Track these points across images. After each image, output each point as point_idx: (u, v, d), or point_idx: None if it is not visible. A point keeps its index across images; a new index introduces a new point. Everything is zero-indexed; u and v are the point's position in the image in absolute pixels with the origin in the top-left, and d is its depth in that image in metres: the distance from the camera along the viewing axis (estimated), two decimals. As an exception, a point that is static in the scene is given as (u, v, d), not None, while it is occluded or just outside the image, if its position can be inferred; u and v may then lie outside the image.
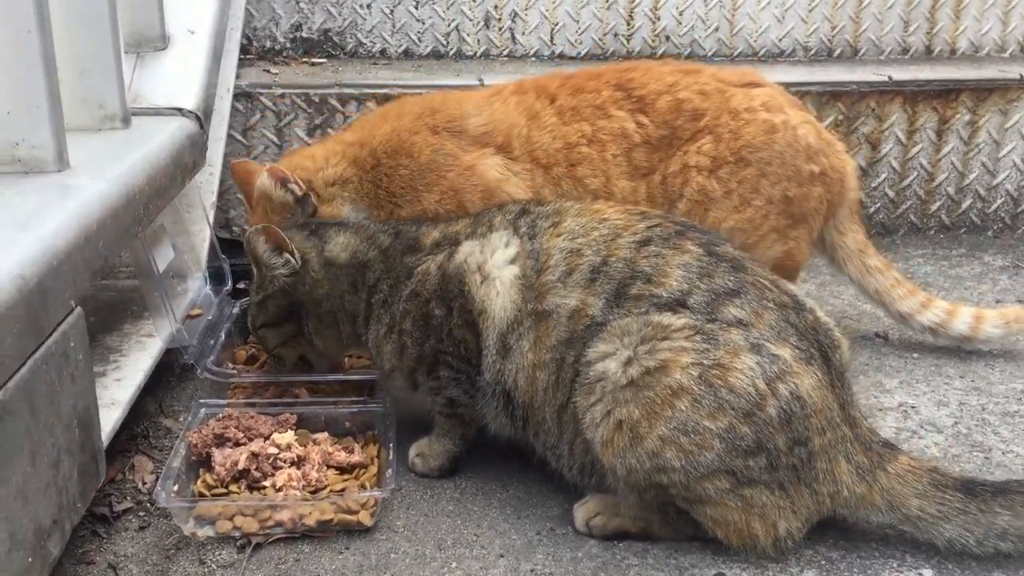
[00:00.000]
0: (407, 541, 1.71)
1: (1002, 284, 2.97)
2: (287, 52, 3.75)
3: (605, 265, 1.70)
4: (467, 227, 1.90)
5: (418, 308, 1.84)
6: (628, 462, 1.60)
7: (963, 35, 3.94)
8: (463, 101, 2.27)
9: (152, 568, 1.61)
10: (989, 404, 2.21)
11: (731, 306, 1.63)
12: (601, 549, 1.69)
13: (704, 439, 1.56)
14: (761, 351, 1.58)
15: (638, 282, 1.67)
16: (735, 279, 1.66)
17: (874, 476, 1.63)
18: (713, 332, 1.59)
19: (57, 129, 1.62)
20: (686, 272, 1.66)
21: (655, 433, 1.57)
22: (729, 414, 1.56)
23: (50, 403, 1.26)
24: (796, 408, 1.57)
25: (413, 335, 1.85)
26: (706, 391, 1.56)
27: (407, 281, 1.87)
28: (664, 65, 2.33)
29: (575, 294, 1.70)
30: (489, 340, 1.77)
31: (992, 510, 1.58)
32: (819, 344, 1.65)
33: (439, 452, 1.92)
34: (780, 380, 1.57)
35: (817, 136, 2.28)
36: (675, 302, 1.63)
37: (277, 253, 1.91)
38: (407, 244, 1.93)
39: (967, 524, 1.59)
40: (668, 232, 1.74)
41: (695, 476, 1.57)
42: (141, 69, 2.31)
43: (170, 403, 2.16)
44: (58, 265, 1.31)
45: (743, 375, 1.56)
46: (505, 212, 1.89)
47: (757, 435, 1.56)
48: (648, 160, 2.22)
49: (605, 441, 1.61)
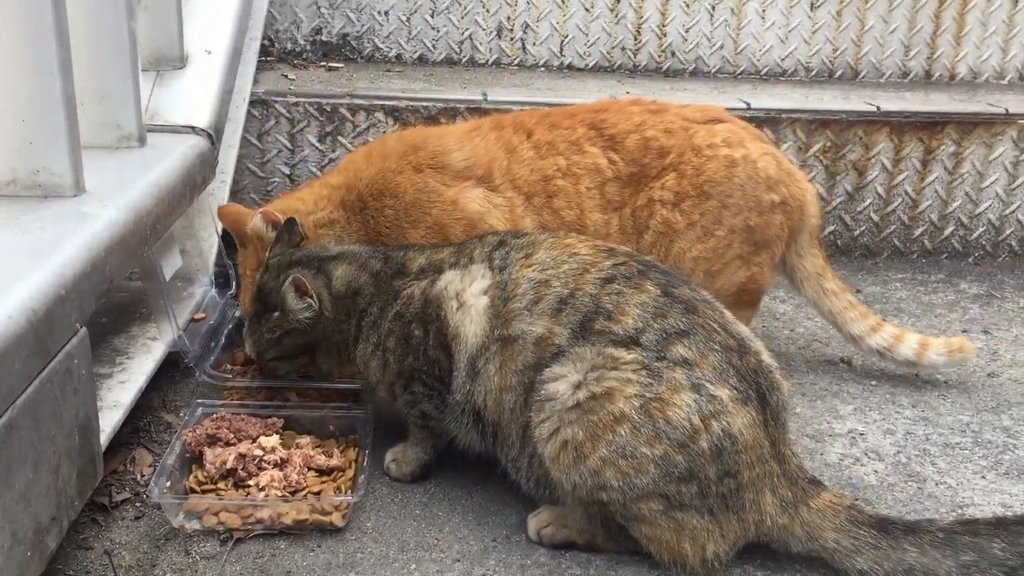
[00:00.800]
0: (374, 542, 1.89)
1: (972, 314, 3.10)
2: (307, 55, 3.93)
3: (572, 297, 1.85)
4: (451, 256, 2.05)
5: (401, 328, 2.01)
6: (572, 478, 1.77)
7: (963, 61, 4.05)
8: (444, 136, 2.42)
9: (143, 556, 1.81)
10: (933, 435, 2.35)
11: (680, 346, 1.78)
12: (549, 558, 1.87)
13: (640, 464, 1.72)
14: (700, 390, 1.74)
15: (600, 318, 1.82)
16: (687, 320, 1.81)
17: (796, 509, 1.79)
18: (659, 369, 1.75)
19: (75, 160, 1.81)
20: (642, 311, 1.81)
21: (597, 454, 1.73)
22: (665, 443, 1.72)
23: (53, 415, 1.45)
24: (727, 444, 1.73)
25: (395, 352, 2.02)
26: (645, 421, 1.72)
27: (394, 303, 2.04)
28: (633, 105, 2.48)
29: (541, 322, 1.85)
30: (460, 362, 1.94)
31: (901, 547, 1.73)
32: (758, 386, 1.80)
33: (411, 459, 2.10)
34: (714, 418, 1.73)
35: (777, 167, 2.43)
36: (629, 339, 1.79)
37: (299, 298, 2.05)
38: (396, 269, 2.09)
39: (877, 558, 1.74)
40: (631, 271, 1.88)
41: (631, 496, 1.74)
42: (160, 87, 2.50)
43: (172, 399, 2.36)
44: (66, 294, 1.50)
45: (680, 410, 1.72)
46: (485, 244, 2.03)
47: (689, 464, 1.72)
48: (620, 195, 2.38)
49: (552, 457, 1.78)
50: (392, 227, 2.34)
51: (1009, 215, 3.53)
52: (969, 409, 2.48)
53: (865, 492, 2.10)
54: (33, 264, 1.50)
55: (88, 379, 1.59)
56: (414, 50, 3.97)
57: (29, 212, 1.72)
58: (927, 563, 1.72)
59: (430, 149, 2.40)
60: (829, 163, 3.40)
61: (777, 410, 1.82)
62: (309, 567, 1.81)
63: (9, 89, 1.74)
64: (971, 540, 1.71)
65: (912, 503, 2.07)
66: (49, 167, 1.80)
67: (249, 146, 3.21)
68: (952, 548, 1.71)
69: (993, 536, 1.71)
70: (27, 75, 1.73)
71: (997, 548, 1.70)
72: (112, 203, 1.82)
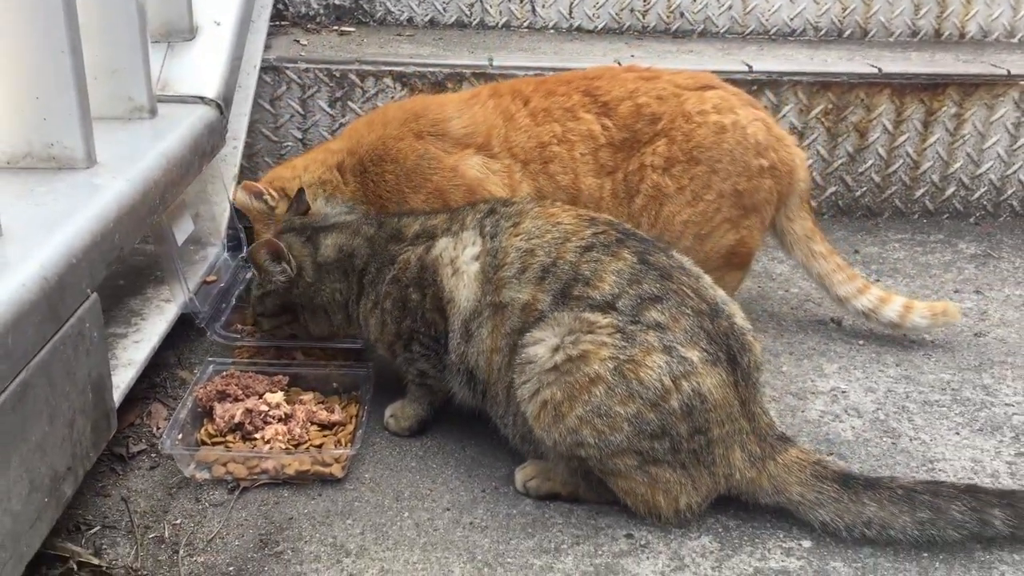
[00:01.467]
0: (371, 492, 2.02)
1: (966, 274, 3.16)
2: (320, 18, 4.02)
3: (554, 266, 1.95)
4: (444, 222, 2.15)
5: (398, 292, 2.11)
6: (552, 436, 1.88)
7: (973, 20, 4.06)
8: (444, 104, 2.50)
9: (156, 503, 1.95)
10: (914, 392, 2.44)
11: (653, 310, 1.88)
12: (534, 507, 1.99)
13: (615, 422, 1.83)
14: (672, 352, 1.84)
15: (579, 284, 1.92)
16: (661, 286, 1.91)
17: (764, 464, 1.89)
18: (633, 332, 1.85)
19: (86, 133, 1.92)
20: (618, 278, 1.91)
21: (574, 413, 1.85)
22: (638, 402, 1.82)
23: (66, 374, 1.58)
24: (697, 403, 1.83)
25: (392, 314, 2.13)
26: (619, 381, 1.82)
27: (390, 267, 2.14)
28: (627, 72, 2.55)
29: (527, 290, 1.95)
30: (455, 325, 2.04)
31: (861, 500, 1.84)
32: (729, 348, 1.89)
33: (409, 415, 2.22)
34: (684, 378, 1.83)
35: (767, 132, 2.50)
36: (606, 304, 1.89)
37: (276, 262, 2.16)
38: (391, 233, 2.19)
39: (839, 511, 1.85)
40: (610, 240, 1.97)
41: (607, 452, 1.85)
42: (171, 59, 2.60)
43: (187, 356, 2.49)
44: (77, 263, 1.62)
45: (652, 371, 1.82)
46: (476, 211, 2.13)
47: (661, 422, 1.83)
48: (612, 160, 2.47)
49: (534, 416, 1.90)
50: (393, 192, 2.44)
51: (1010, 175, 3.57)
52: (952, 368, 2.57)
53: (840, 447, 2.20)
54: (46, 235, 1.62)
55: (100, 340, 1.72)
56: (425, 13, 4.04)
57: (44, 184, 1.84)
58: (884, 517, 1.82)
59: (431, 117, 2.49)
60: (831, 125, 3.45)
61: (748, 370, 1.92)
62: (310, 514, 1.94)
63: (24, 68, 1.85)
64: (930, 499, 1.82)
65: (884, 457, 2.16)
66: (62, 141, 1.92)
67: (262, 111, 3.31)
68: (910, 504, 1.82)
69: (954, 499, 1.82)
70: (39, 55, 1.84)
71: (956, 510, 1.81)
72: (122, 174, 1.94)
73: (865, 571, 1.82)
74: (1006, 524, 1.81)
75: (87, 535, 1.85)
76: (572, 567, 1.81)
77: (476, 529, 1.92)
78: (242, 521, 1.92)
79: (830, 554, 1.86)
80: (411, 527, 1.91)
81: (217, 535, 1.87)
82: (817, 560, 1.84)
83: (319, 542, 1.86)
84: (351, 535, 1.88)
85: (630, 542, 1.89)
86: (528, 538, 1.89)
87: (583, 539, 1.89)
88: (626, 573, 1.80)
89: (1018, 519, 1.82)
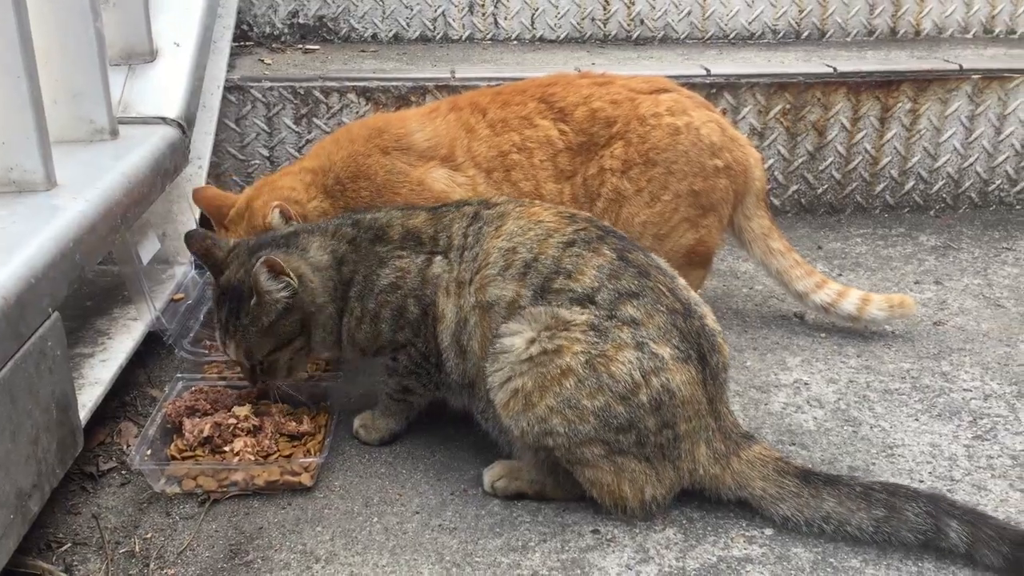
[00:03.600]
0: (340, 499, 2.05)
1: (927, 265, 3.22)
2: (285, 38, 4.06)
3: (536, 261, 1.97)
4: (427, 224, 2.11)
5: (398, 300, 2.06)
6: (521, 424, 1.91)
7: (927, 17, 4.14)
8: (405, 119, 2.53)
9: (127, 519, 1.97)
10: (875, 382, 2.48)
11: (629, 306, 1.91)
12: (501, 508, 2.02)
13: (583, 413, 1.86)
14: (643, 348, 1.87)
15: (560, 277, 1.95)
16: (638, 283, 1.94)
17: (728, 460, 1.94)
18: (607, 328, 1.89)
19: (45, 156, 1.95)
20: (599, 272, 1.94)
21: (544, 403, 1.88)
22: (607, 395, 1.86)
23: (28, 392, 1.61)
24: (666, 398, 1.87)
25: (389, 322, 2.08)
26: (590, 374, 1.86)
27: (380, 270, 2.08)
28: (582, 79, 2.60)
29: (511, 286, 1.97)
30: (445, 342, 2.05)
31: (821, 496, 1.88)
32: (699, 347, 1.93)
33: (382, 427, 2.23)
34: (655, 374, 1.86)
35: (721, 133, 2.55)
36: (586, 297, 1.92)
37: (275, 278, 2.01)
38: (373, 233, 2.12)
39: (799, 506, 1.89)
40: (591, 236, 2.01)
41: (575, 442, 1.88)
42: (132, 81, 2.63)
43: (158, 375, 2.51)
44: (36, 282, 1.64)
45: (623, 366, 1.86)
46: (463, 216, 2.10)
47: (630, 415, 1.86)
48: (571, 164, 2.51)
49: (503, 404, 1.92)
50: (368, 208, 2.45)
51: (967, 168, 3.63)
52: (911, 356, 2.61)
53: (802, 437, 2.24)
54: (5, 256, 1.64)
55: (62, 359, 1.74)
56: (389, 29, 4.09)
57: (3, 208, 1.87)
58: (842, 512, 1.86)
59: (393, 132, 2.51)
60: (789, 124, 3.50)
61: (716, 370, 1.96)
62: (280, 523, 1.97)
63: (-20, 94, 1.88)
64: (887, 498, 1.85)
65: (845, 446, 2.20)
66: (21, 164, 1.95)
67: (228, 131, 3.35)
68: (867, 502, 1.85)
69: (912, 500, 1.83)
70: (-4, 81, 1.87)
71: (911, 512, 1.83)
72: (82, 195, 1.96)
73: (826, 555, 1.85)
74: (962, 540, 1.78)
75: (58, 552, 1.87)
76: (539, 563, 1.84)
77: (445, 531, 1.94)
78: (212, 533, 1.94)
79: (792, 541, 1.89)
80: (380, 531, 1.94)
81: (187, 547, 1.89)
82: (779, 547, 1.88)
83: (289, 550, 1.88)
84: (320, 542, 1.91)
85: (596, 537, 1.92)
86: (496, 537, 1.92)
87: (550, 536, 1.93)
88: (593, 567, 1.83)
89: (974, 540, 1.79)
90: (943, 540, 1.81)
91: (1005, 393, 2.42)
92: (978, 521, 1.80)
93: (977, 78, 3.50)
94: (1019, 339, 2.70)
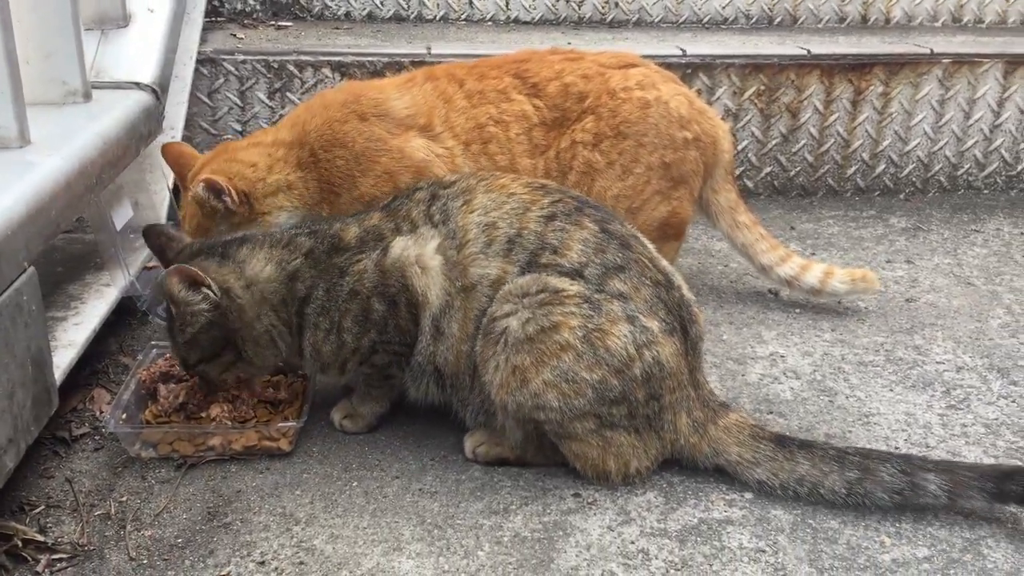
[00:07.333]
0: (319, 464, 2.03)
1: (898, 245, 3.25)
2: (257, 14, 4.01)
3: (519, 236, 1.94)
4: (385, 220, 2.05)
5: (359, 306, 1.98)
6: (516, 400, 1.89)
7: (897, 5, 4.18)
8: (383, 87, 2.50)
9: (101, 482, 1.94)
10: (849, 355, 2.51)
11: (616, 280, 1.91)
12: (482, 473, 2.01)
13: (580, 387, 1.86)
14: (635, 322, 1.87)
15: (547, 252, 1.93)
16: (623, 256, 1.94)
17: (705, 429, 1.95)
18: (599, 302, 1.88)
19: (19, 113, 1.91)
20: (584, 247, 1.92)
21: (540, 378, 1.86)
22: (604, 369, 1.86)
23: (5, 346, 1.57)
24: (656, 370, 1.88)
25: (352, 331, 2.00)
26: (587, 349, 1.85)
27: (341, 281, 1.99)
28: (553, 55, 2.61)
29: (496, 263, 1.94)
30: (425, 327, 1.99)
31: (795, 459, 1.90)
32: (681, 319, 1.95)
33: (366, 413, 2.14)
34: (646, 347, 1.87)
35: (689, 106, 2.57)
36: (574, 272, 1.91)
37: (194, 290, 1.92)
38: (329, 244, 2.02)
39: (774, 469, 1.90)
40: (569, 208, 1.98)
41: (569, 416, 1.87)
42: (104, 45, 2.59)
43: (130, 343, 2.48)
44: (12, 235, 1.61)
45: (618, 339, 1.86)
46: (416, 201, 2.04)
47: (623, 388, 1.87)
48: (545, 139, 2.51)
49: (501, 383, 1.90)
50: (344, 177, 2.37)
51: (937, 152, 3.68)
52: (885, 331, 2.64)
53: (780, 406, 2.25)
54: (-21, 208, 1.61)
55: (39, 314, 1.71)
56: (363, 7, 4.06)
57: (-23, 162, 1.83)
58: (816, 474, 1.88)
59: (370, 97, 2.48)
60: (763, 106, 3.53)
61: (695, 341, 1.97)
62: (258, 487, 1.94)
63: (-46, 47, 1.84)
64: (860, 460, 1.87)
65: (821, 414, 2.22)
66: (-5, 120, 1.90)
67: (200, 104, 3.30)
68: (840, 464, 1.87)
69: (885, 461, 1.86)
70: (-30, 34, 1.83)
71: (885, 473, 1.85)
72: (57, 152, 1.93)
73: (804, 516, 1.87)
74: (942, 490, 1.81)
75: (31, 515, 1.83)
76: (521, 525, 1.84)
77: (425, 495, 1.93)
78: (189, 496, 1.91)
79: (771, 504, 1.91)
80: (360, 495, 1.92)
81: (164, 510, 1.86)
82: (759, 509, 1.89)
83: (268, 512, 1.86)
84: (300, 504, 1.89)
85: (578, 500, 1.92)
86: (477, 500, 1.91)
87: (532, 499, 1.92)
88: (575, 528, 1.83)
89: (954, 485, 1.81)
90: (921, 495, 1.83)
91: (977, 366, 2.45)
92: (954, 467, 1.84)
93: (947, 62, 3.54)
94: (990, 315, 2.74)
